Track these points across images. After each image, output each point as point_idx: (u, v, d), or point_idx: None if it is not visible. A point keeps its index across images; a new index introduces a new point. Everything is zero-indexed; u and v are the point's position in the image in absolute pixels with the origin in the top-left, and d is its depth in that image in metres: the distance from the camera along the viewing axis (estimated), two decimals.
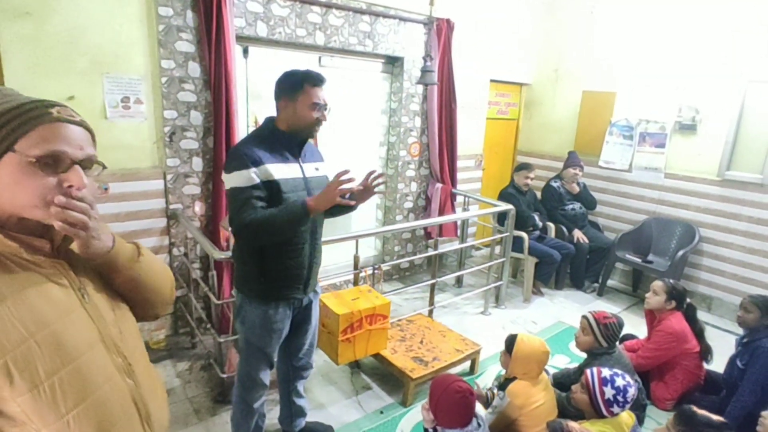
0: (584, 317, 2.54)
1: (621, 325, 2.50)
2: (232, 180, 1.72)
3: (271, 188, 1.73)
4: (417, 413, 2.59)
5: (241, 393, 2.06)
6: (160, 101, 2.84)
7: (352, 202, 1.73)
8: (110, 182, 2.72)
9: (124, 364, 0.96)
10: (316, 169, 1.94)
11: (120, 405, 0.93)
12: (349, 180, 1.63)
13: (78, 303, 0.90)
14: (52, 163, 0.82)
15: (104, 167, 0.94)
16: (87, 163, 0.88)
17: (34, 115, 0.81)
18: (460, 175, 4.50)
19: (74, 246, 0.92)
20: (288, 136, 1.82)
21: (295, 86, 1.76)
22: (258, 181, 1.70)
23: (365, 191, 1.88)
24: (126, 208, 2.82)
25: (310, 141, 1.93)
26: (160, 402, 1.07)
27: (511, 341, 2.29)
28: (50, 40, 2.45)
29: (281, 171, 1.76)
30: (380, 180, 1.84)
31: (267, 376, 2.05)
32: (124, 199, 2.80)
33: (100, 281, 0.98)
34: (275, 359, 2.04)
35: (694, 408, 1.72)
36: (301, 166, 1.86)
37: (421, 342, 2.99)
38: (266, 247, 1.82)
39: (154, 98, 2.83)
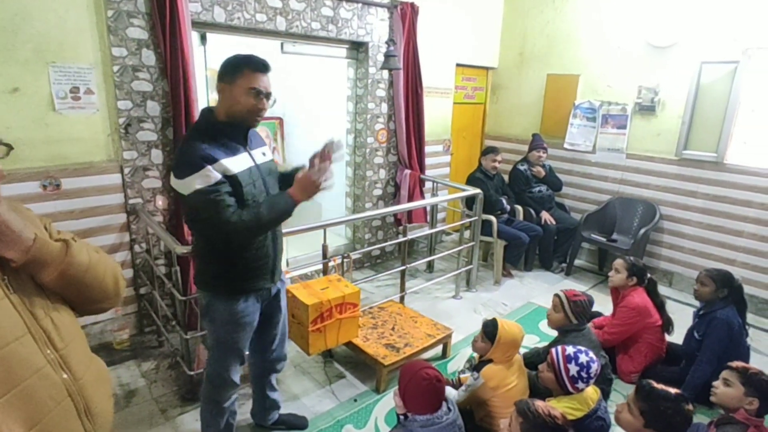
0: (556, 295, 2.60)
1: (591, 303, 2.56)
2: (191, 183, 1.59)
3: (232, 184, 1.66)
4: (391, 399, 2.60)
5: (210, 392, 2.01)
6: (113, 91, 2.71)
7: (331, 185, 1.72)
8: (61, 177, 2.60)
9: (57, 356, 0.95)
10: (263, 154, 1.86)
11: (51, 397, 0.92)
12: (327, 171, 1.67)
13: (1, 294, 0.89)
14: None
15: (10, 147, 0.93)
16: None
17: None
18: (428, 161, 4.50)
19: None
20: (230, 126, 1.71)
21: (234, 69, 1.66)
22: (221, 177, 1.62)
23: (323, 162, 1.79)
24: (81, 204, 2.70)
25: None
26: (101, 395, 1.07)
27: (492, 329, 2.28)
28: None
29: (236, 164, 1.68)
30: (337, 147, 1.72)
31: (238, 373, 2.00)
32: (77, 195, 2.68)
33: (28, 274, 0.96)
34: (246, 355, 2.00)
35: (652, 383, 1.77)
36: (250, 155, 1.78)
37: (393, 329, 3.00)
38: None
39: (106, 88, 2.69)
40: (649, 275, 2.94)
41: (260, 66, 1.67)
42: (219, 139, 1.69)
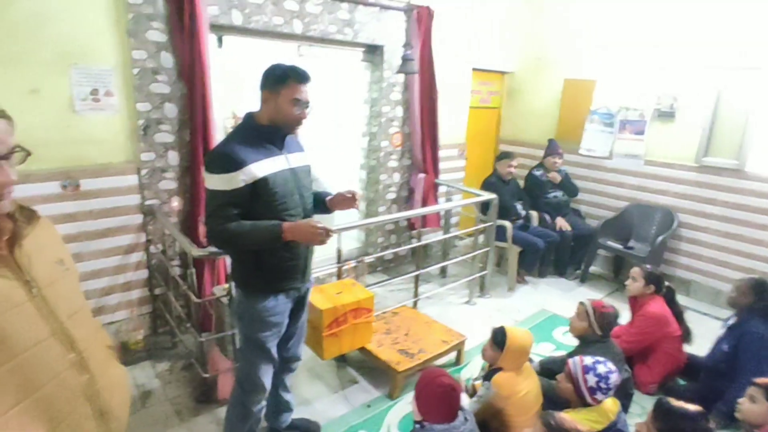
0: (582, 303, 2.55)
1: (617, 317, 2.52)
2: (213, 181, 1.72)
3: (258, 187, 1.73)
4: (404, 406, 2.58)
5: (239, 396, 2.02)
6: (132, 93, 2.73)
7: (326, 241, 1.78)
8: (80, 178, 2.62)
9: (78, 358, 0.95)
10: (301, 159, 1.94)
11: (68, 402, 0.92)
12: (328, 233, 1.73)
13: (25, 297, 0.88)
14: None
15: (28, 153, 0.91)
16: (8, 155, 0.87)
17: None
18: (442, 165, 4.47)
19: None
20: (270, 130, 1.81)
21: (279, 79, 1.75)
22: (242, 185, 1.69)
23: (346, 201, 2.00)
24: (98, 205, 2.71)
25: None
26: (118, 400, 1.07)
27: (501, 336, 2.26)
28: (11, 29, 2.31)
29: (268, 167, 1.76)
30: (358, 199, 2.01)
31: (268, 377, 2.01)
32: (96, 195, 2.69)
33: (55, 275, 0.97)
34: (276, 356, 2.00)
35: (671, 400, 1.71)
36: (286, 158, 1.85)
37: (407, 334, 2.98)
38: None
39: (125, 90, 2.71)
40: (667, 284, 2.88)
41: (304, 77, 1.77)
42: (258, 141, 1.78)
